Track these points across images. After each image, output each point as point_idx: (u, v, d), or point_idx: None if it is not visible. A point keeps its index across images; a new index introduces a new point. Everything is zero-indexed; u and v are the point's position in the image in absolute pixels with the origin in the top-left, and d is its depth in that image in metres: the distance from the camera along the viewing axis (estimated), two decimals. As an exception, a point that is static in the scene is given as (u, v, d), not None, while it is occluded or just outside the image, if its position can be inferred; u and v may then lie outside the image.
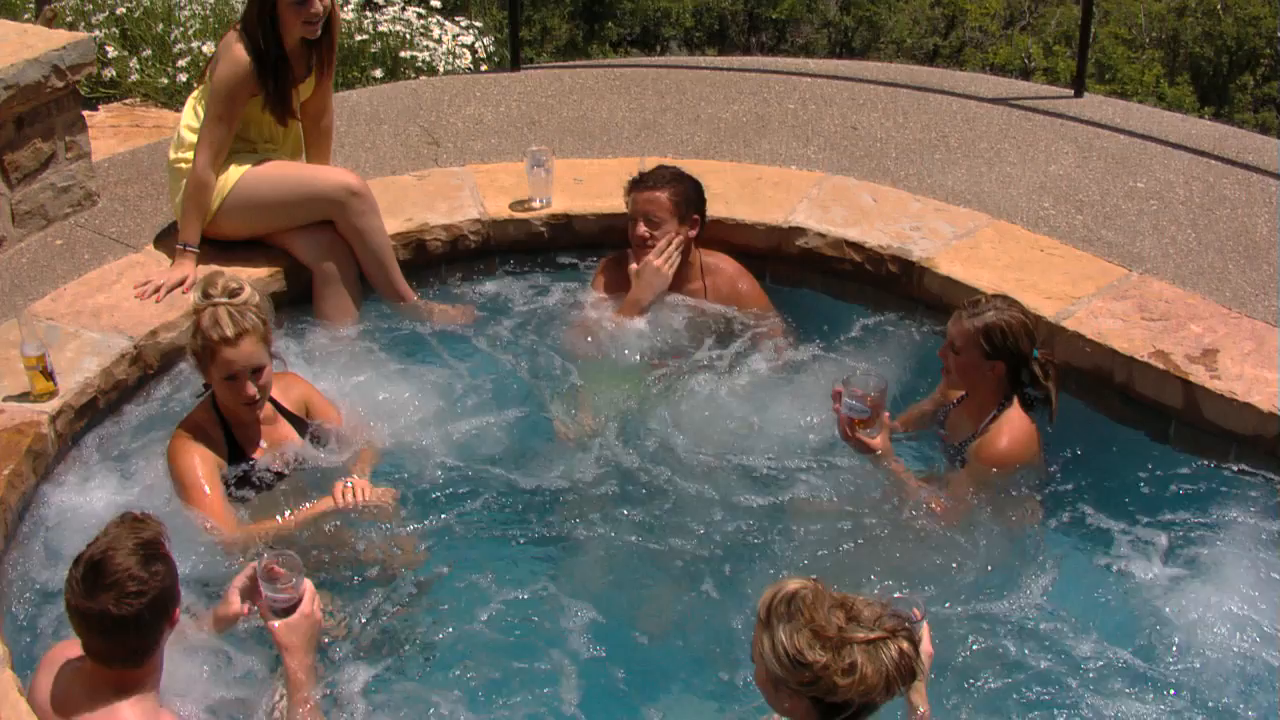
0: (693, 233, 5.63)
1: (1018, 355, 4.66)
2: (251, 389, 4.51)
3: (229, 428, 4.65)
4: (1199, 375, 4.94)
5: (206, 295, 4.53)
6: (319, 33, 5.61)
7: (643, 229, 5.55)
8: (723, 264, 5.76)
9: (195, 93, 5.78)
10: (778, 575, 4.42)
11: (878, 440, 4.73)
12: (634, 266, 5.58)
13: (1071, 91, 7.70)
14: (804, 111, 7.25)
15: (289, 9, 5.48)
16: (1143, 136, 6.98)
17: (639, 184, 5.59)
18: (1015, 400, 4.73)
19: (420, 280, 5.96)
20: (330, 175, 5.78)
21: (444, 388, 5.43)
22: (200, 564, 4.33)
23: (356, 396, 5.19)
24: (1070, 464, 4.95)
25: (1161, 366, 4.99)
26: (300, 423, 4.84)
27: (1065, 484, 4.88)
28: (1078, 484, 4.87)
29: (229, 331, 4.43)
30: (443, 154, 6.79)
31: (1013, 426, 4.69)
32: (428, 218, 6.07)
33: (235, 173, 5.66)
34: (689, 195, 5.61)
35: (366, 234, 5.70)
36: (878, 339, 5.60)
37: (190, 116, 5.70)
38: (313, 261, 5.71)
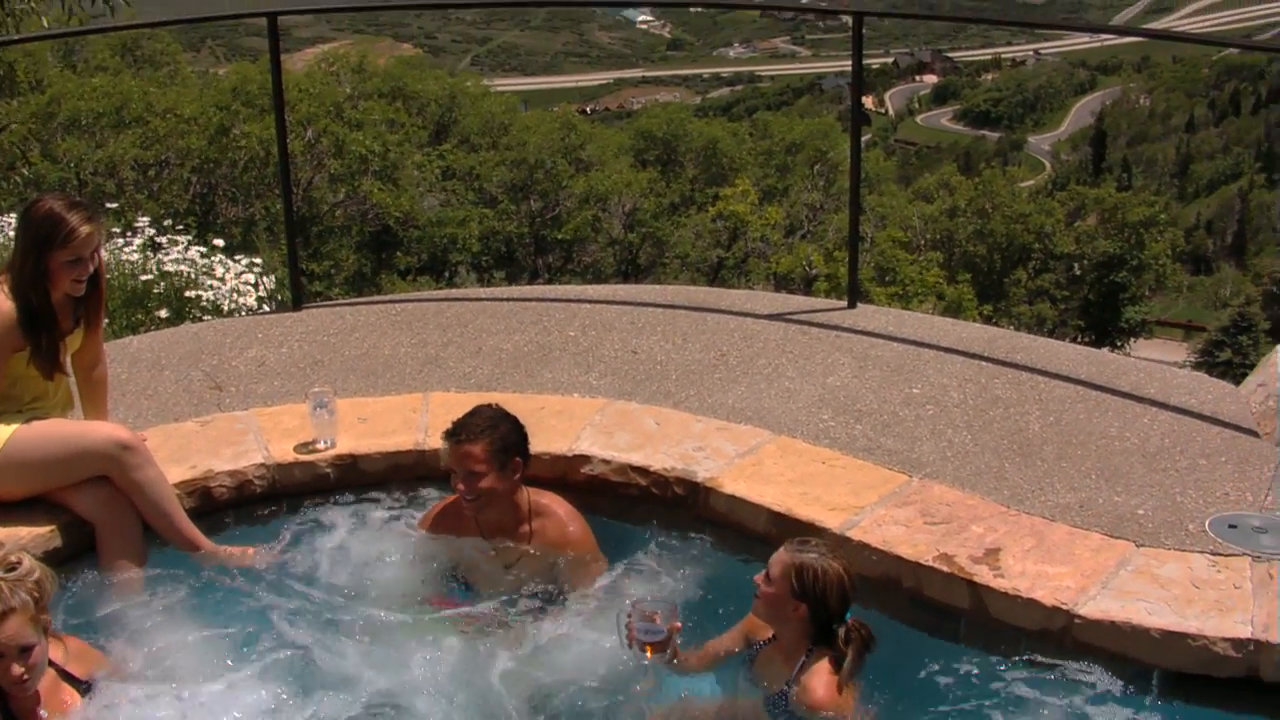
0: (516, 477, 5.48)
1: (821, 603, 4.65)
2: (17, 669, 4.34)
3: (5, 699, 4.45)
4: (983, 575, 5.02)
5: None
6: (84, 290, 5.59)
7: (460, 487, 5.41)
8: (554, 507, 5.61)
9: (-45, 351, 5.67)
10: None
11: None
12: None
13: (845, 303, 7.93)
14: (585, 338, 7.36)
15: (62, 267, 5.45)
16: (916, 343, 7.21)
17: (453, 435, 5.40)
18: (823, 651, 4.69)
19: (209, 527, 5.81)
20: (99, 431, 5.66)
21: (237, 636, 5.23)
22: None
23: (144, 653, 5.00)
24: (867, 671, 4.97)
25: (947, 569, 5.07)
26: (84, 685, 4.66)
27: (865, 691, 4.87)
28: (874, 690, 4.85)
29: None
30: (226, 398, 6.72)
31: (821, 680, 4.63)
32: (212, 464, 5.97)
33: (2, 434, 5.51)
34: (506, 441, 5.42)
35: (145, 486, 5.57)
36: (671, 562, 5.58)
37: (-50, 376, 5.56)
38: (93, 517, 5.55)
